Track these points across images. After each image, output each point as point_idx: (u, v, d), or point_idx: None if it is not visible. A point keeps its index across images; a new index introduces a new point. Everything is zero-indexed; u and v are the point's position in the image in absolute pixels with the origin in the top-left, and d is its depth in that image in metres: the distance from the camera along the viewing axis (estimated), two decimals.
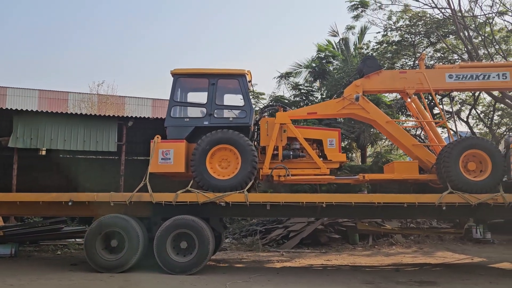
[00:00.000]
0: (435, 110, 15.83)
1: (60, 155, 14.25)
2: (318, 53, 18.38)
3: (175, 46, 74.06)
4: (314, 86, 18.48)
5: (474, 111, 18.74)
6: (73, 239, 11.44)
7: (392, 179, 8.96)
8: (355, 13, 17.00)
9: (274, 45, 78.71)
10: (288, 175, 8.38)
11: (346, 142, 16.99)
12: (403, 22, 16.78)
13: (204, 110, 8.53)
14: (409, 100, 9.12)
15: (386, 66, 16.20)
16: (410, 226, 12.97)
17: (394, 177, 8.74)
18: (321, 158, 8.66)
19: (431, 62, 16.57)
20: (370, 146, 19.68)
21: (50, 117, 11.57)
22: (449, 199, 7.96)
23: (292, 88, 18.27)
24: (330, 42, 19.03)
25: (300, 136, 8.62)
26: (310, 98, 17.77)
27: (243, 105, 8.51)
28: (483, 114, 19.31)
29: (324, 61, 18.29)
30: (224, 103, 8.92)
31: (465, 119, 18.39)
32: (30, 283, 6.93)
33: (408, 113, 15.54)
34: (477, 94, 17.40)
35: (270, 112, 9.73)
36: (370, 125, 11.66)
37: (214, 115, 8.44)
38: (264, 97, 18.36)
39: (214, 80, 8.55)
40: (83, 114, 12.36)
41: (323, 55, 18.37)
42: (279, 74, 18.60)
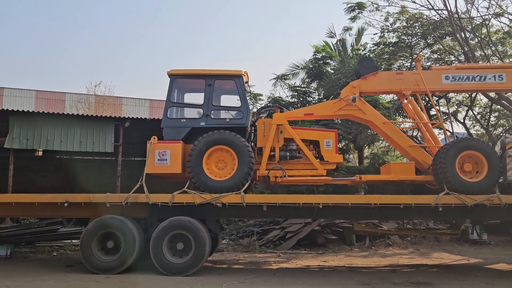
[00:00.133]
0: (432, 111, 15.86)
1: (56, 156, 14.24)
2: (315, 54, 18.42)
3: (175, 46, 74.11)
4: (311, 87, 18.50)
5: (470, 112, 18.79)
6: (69, 240, 11.39)
7: (388, 180, 8.98)
8: (352, 14, 17.12)
9: (274, 45, 78.88)
10: (284, 176, 8.37)
11: (343, 143, 17.02)
12: (400, 23, 16.87)
13: (200, 111, 8.53)
14: (405, 101, 9.13)
15: (383, 67, 16.23)
16: (406, 227, 13.04)
17: (391, 178, 8.76)
18: (318, 159, 8.65)
19: (428, 64, 16.61)
20: (367, 147, 19.71)
21: (46, 117, 11.53)
22: (445, 200, 7.97)
23: (288, 89, 18.30)
24: (327, 43, 19.09)
25: (296, 137, 8.61)
26: (307, 99, 17.78)
27: (240, 106, 8.50)
28: (480, 116, 19.35)
29: (321, 62, 18.33)
30: (221, 104, 8.94)
31: (462, 120, 18.46)
32: (26, 285, 6.90)
33: (404, 114, 15.56)
34: (473, 95, 17.45)
35: (268, 113, 9.72)
36: (367, 126, 11.67)
37: (211, 116, 8.43)
38: (262, 98, 18.42)
39: (211, 81, 8.54)
40: (80, 114, 12.31)
41: (320, 56, 18.41)
42: (275, 76, 18.66)
